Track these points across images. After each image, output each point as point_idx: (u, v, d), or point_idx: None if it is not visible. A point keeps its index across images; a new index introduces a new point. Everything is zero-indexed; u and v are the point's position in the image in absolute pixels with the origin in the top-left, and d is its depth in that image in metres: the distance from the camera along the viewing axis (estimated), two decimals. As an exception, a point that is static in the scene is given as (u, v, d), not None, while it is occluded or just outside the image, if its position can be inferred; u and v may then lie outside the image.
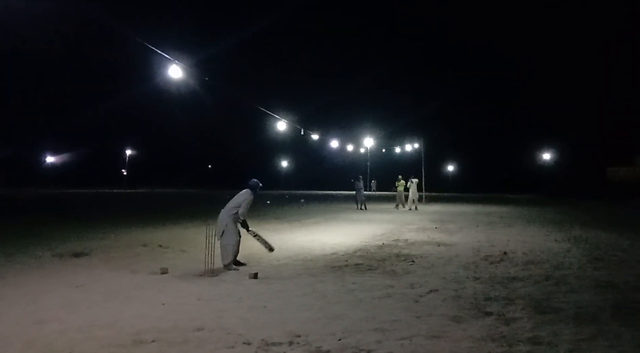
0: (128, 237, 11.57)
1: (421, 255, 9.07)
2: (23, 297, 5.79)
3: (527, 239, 11.57)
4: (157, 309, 5.33)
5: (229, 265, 7.63)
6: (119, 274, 7.21)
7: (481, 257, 8.88)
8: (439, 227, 14.75)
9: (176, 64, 10.28)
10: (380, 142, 50.44)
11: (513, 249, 9.84)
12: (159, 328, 4.62)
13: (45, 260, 8.34)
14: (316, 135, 29.06)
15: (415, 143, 38.85)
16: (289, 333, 4.50)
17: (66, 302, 5.58)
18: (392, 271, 7.58)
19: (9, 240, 10.40)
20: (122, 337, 4.39)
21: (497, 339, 4.37)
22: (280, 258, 8.80)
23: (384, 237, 12.14)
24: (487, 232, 13.33)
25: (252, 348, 4.13)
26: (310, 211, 21.93)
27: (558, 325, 4.79)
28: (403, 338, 4.37)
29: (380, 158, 55.66)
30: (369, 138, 47.65)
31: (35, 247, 9.57)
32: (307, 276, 7.18)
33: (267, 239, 8.27)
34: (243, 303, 5.59)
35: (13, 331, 4.54)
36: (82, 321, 4.84)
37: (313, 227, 14.56)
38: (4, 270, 7.38)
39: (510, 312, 5.25)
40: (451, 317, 5.03)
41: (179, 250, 9.54)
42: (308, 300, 5.76)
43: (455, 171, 70.08)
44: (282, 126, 23.11)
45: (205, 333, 4.51)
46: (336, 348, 4.14)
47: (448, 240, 11.33)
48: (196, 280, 6.85)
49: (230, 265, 7.64)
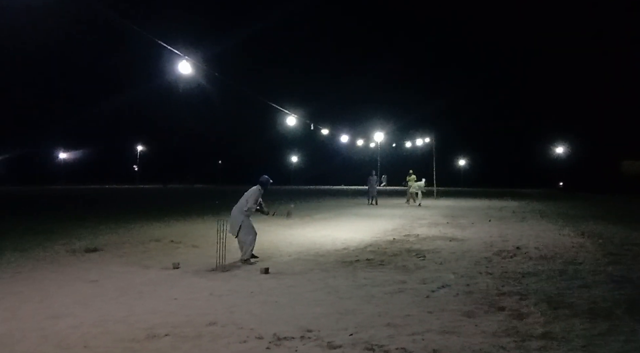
0: (140, 232, 11.66)
1: (433, 251, 9.03)
2: (37, 292, 5.87)
3: (540, 234, 11.47)
4: (169, 304, 5.36)
5: (248, 260, 7.77)
6: (131, 269, 7.27)
7: (494, 252, 8.82)
8: (451, 222, 14.68)
9: (186, 60, 10.30)
10: (391, 137, 50.26)
11: (526, 244, 9.76)
12: (172, 323, 4.65)
13: (59, 255, 8.43)
14: (326, 130, 29.01)
15: (426, 137, 38.66)
16: (300, 328, 4.50)
17: (80, 297, 5.64)
18: (403, 266, 7.55)
19: (23, 236, 10.54)
20: (136, 331, 4.42)
21: (511, 334, 4.33)
22: (291, 253, 8.82)
23: (395, 232, 12.11)
24: (500, 226, 13.24)
25: (264, 343, 4.14)
26: (321, 206, 21.94)
27: (572, 320, 4.74)
28: (415, 334, 4.35)
29: (390, 153, 55.46)
30: (379, 133, 47.48)
31: (49, 243, 9.68)
32: (318, 271, 7.18)
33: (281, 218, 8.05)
34: (255, 298, 5.61)
35: (28, 325, 4.60)
36: (96, 316, 4.88)
37: (324, 222, 14.56)
38: (19, 266, 7.48)
39: (523, 307, 5.21)
40: (464, 312, 5.00)
41: (191, 246, 9.60)
42: (320, 295, 5.76)
43: (466, 165, 69.66)
44: (292, 121, 23.09)
45: (217, 328, 4.53)
46: (348, 343, 4.14)
47: (460, 235, 11.26)
48: (208, 275, 6.88)
49: (249, 260, 7.79)
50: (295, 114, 21.71)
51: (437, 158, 31.17)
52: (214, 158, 75.98)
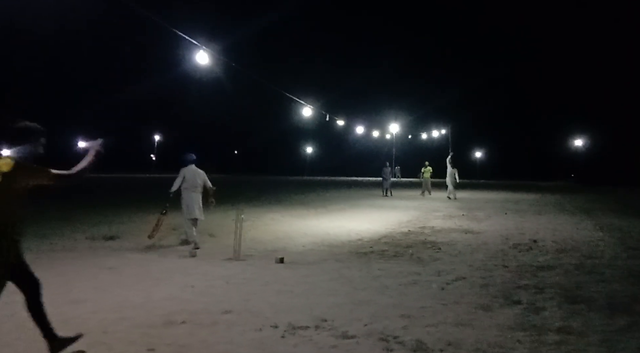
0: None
1: (448, 243, 8.98)
2: (57, 278, 5.98)
3: (557, 227, 11.33)
4: (186, 291, 5.43)
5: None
6: (148, 257, 7.38)
7: (510, 245, 8.74)
8: (467, 214, 14.58)
9: (203, 50, 10.33)
10: (406, 128, 49.94)
11: (543, 237, 9.65)
12: (189, 310, 4.71)
13: (77, 242, 8.59)
14: (341, 121, 28.91)
15: (442, 129, 38.33)
16: (315, 318, 4.53)
17: (98, 283, 5.74)
18: (418, 258, 7.53)
19: (43, 223, 10.73)
20: (153, 318, 4.49)
21: (527, 328, 4.30)
22: (305, 243, 8.85)
23: (409, 223, 12.07)
24: (516, 219, 13.11)
25: (279, 332, 4.18)
26: (335, 197, 21.95)
27: (589, 315, 4.69)
28: (429, 325, 4.35)
29: (405, 144, 55.13)
30: (395, 124, 47.21)
31: (68, 230, 9.87)
32: (332, 261, 7.20)
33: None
34: (270, 287, 5.65)
35: (49, 310, 4.68)
36: (114, 302, 4.97)
37: (338, 213, 14.57)
38: (39, 252, 7.63)
39: (539, 301, 5.16)
40: (479, 305, 4.97)
41: (207, 234, 9.68)
42: (334, 285, 5.78)
43: (483, 157, 68.98)
44: (307, 112, 23.03)
45: (233, 316, 4.58)
46: (362, 333, 4.15)
47: (476, 228, 11.18)
48: (224, 264, 6.95)
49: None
50: (310, 104, 21.67)
51: (453, 149, 30.92)
52: (230, 148, 76.38)
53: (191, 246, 7.97)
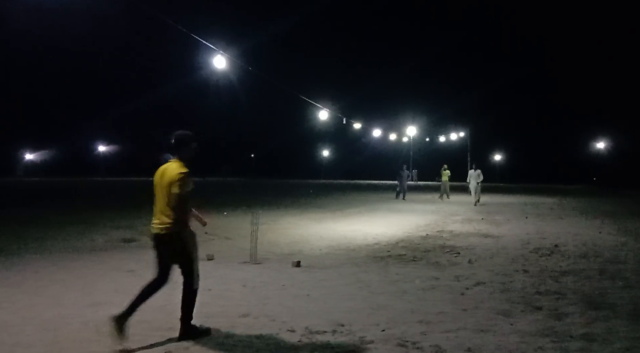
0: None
1: (467, 247, 8.88)
2: (78, 280, 6.07)
3: (579, 231, 11.12)
4: (203, 295, 5.44)
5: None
6: (167, 260, 7.43)
7: (530, 250, 8.60)
8: (486, 218, 14.40)
9: (221, 54, 10.42)
10: (424, 131, 49.63)
11: (564, 242, 9.48)
12: (206, 314, 4.73)
13: (98, 245, 8.71)
14: (358, 124, 28.89)
15: (460, 132, 37.99)
16: (332, 322, 4.50)
17: (118, 286, 5.81)
18: (436, 263, 7.46)
19: (64, 226, 10.92)
20: (172, 321, 4.52)
21: (548, 334, 4.21)
22: (322, 247, 8.83)
23: (427, 227, 11.96)
24: (537, 223, 12.90)
25: (296, 336, 4.17)
26: (353, 201, 21.89)
27: (613, 321, 4.58)
28: (448, 331, 4.29)
29: (423, 147, 54.79)
30: (412, 127, 46.96)
31: (89, 234, 10.01)
32: (350, 265, 7.17)
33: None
34: (287, 291, 5.65)
35: (71, 312, 4.77)
36: (134, 305, 5.01)
37: (355, 217, 14.53)
38: (61, 255, 7.76)
39: (561, 306, 5.06)
40: (499, 311, 4.90)
41: (224, 238, 9.74)
42: (351, 289, 5.75)
43: (502, 160, 68.09)
44: (323, 115, 23.10)
45: (250, 320, 4.59)
46: (380, 338, 4.11)
47: (495, 232, 11.04)
48: (241, 267, 6.97)
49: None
50: (327, 107, 21.71)
51: (472, 152, 30.59)
52: (246, 152, 76.78)
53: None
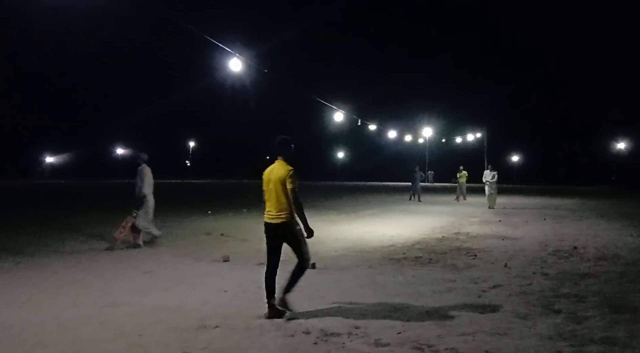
0: (192, 225, 12.02)
1: (484, 249, 8.78)
2: (97, 280, 6.16)
3: (599, 233, 10.92)
4: (220, 296, 5.49)
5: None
6: (183, 261, 7.50)
7: (549, 252, 8.47)
8: (503, 220, 14.23)
9: (237, 57, 10.48)
10: (440, 132, 49.27)
11: (584, 244, 9.32)
12: (222, 315, 4.76)
13: (116, 246, 8.81)
14: (373, 125, 28.79)
15: (477, 133, 37.64)
16: (347, 324, 4.49)
17: (136, 286, 5.88)
18: (452, 265, 7.39)
19: (84, 227, 11.09)
20: (188, 321, 4.56)
21: (568, 338, 4.15)
22: (337, 249, 8.82)
23: (443, 229, 11.87)
24: (555, 225, 12.71)
25: (312, 338, 4.16)
26: (367, 202, 21.82)
27: (635, 325, 4.48)
28: (465, 334, 4.24)
29: (439, 148, 54.38)
30: (428, 128, 46.65)
31: (107, 234, 10.12)
32: (365, 267, 7.14)
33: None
34: (302, 293, 5.64)
35: (89, 312, 4.84)
36: (151, 305, 5.07)
37: (370, 219, 14.47)
38: (81, 255, 7.88)
39: (581, 310, 4.98)
40: (517, 314, 4.83)
41: (240, 239, 9.79)
42: (367, 291, 5.73)
43: (520, 162, 67.25)
44: (339, 117, 23.06)
45: (265, 321, 4.60)
46: (395, 341, 4.09)
47: (513, 234, 10.90)
48: (256, 269, 6.98)
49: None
50: (342, 109, 21.69)
51: (488, 154, 30.28)
52: (262, 153, 77.10)
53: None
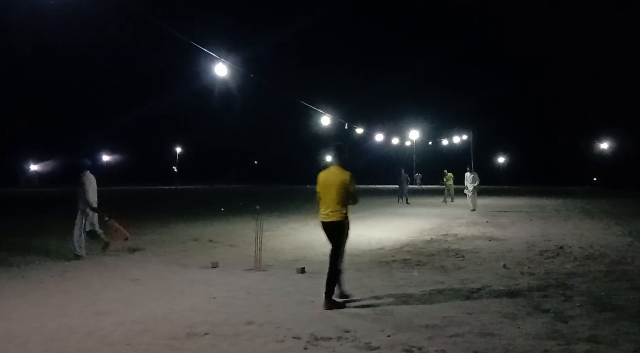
0: (179, 232, 11.92)
1: (472, 250, 8.84)
2: (84, 290, 6.08)
3: (584, 233, 11.06)
4: (208, 303, 5.45)
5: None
6: (171, 269, 7.44)
7: (536, 252, 8.56)
8: (490, 221, 14.35)
9: (222, 62, 10.46)
10: (427, 135, 49.60)
11: (570, 244, 9.43)
12: (211, 322, 4.72)
13: (103, 254, 8.71)
14: (360, 129, 28.87)
15: (463, 135, 37.96)
16: (337, 329, 4.49)
17: (123, 295, 5.81)
18: (441, 267, 7.43)
19: (67, 236, 10.92)
20: (176, 329, 4.51)
21: (555, 337, 4.19)
22: (326, 253, 8.77)
23: (432, 231, 11.93)
24: (542, 225, 12.85)
25: (302, 343, 4.15)
26: (356, 206, 21.82)
27: (620, 323, 4.54)
28: (455, 336, 4.26)
29: (426, 151, 54.72)
30: (415, 131, 46.93)
31: (94, 243, 10.00)
32: (353, 271, 7.14)
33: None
34: (291, 298, 5.63)
35: (76, 322, 4.77)
36: (138, 314, 5.01)
37: (358, 222, 14.47)
38: (67, 264, 7.78)
39: (568, 309, 5.03)
40: (505, 314, 4.87)
41: (228, 245, 9.74)
42: (356, 295, 5.73)
43: (506, 163, 67.93)
44: (326, 121, 23.12)
45: (255, 327, 4.57)
46: (386, 344, 4.09)
47: (500, 235, 10.99)
48: (245, 275, 6.96)
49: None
50: (329, 113, 21.73)
51: (475, 155, 30.56)
52: (249, 158, 76.91)
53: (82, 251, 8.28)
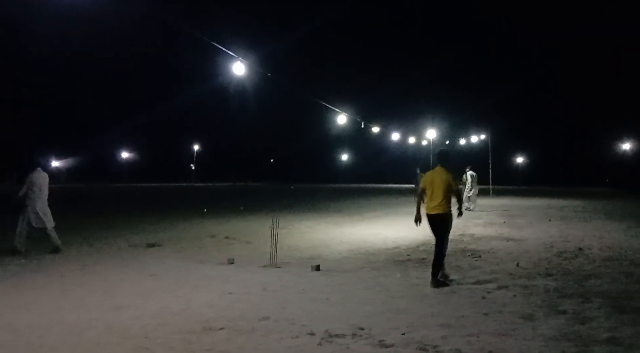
0: (196, 228, 12.05)
1: (489, 251, 8.77)
2: (102, 284, 6.19)
3: (604, 234, 10.88)
4: (224, 298, 5.51)
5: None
6: (188, 264, 7.52)
7: (554, 253, 8.45)
8: (508, 221, 14.19)
9: (240, 61, 10.52)
10: (444, 134, 49.14)
11: (589, 245, 9.29)
12: (227, 317, 4.77)
13: (121, 250, 8.86)
14: (376, 128, 28.75)
15: (481, 134, 37.57)
16: (352, 326, 4.50)
17: (141, 289, 5.90)
18: (457, 266, 7.38)
19: (90, 231, 11.14)
20: (192, 324, 4.58)
21: (572, 339, 4.13)
22: (341, 251, 8.82)
23: (448, 231, 11.83)
24: (560, 226, 12.67)
25: (316, 339, 4.17)
26: (372, 204, 21.82)
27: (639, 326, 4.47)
28: (470, 335, 4.24)
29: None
30: (432, 130, 46.56)
31: (112, 238, 10.19)
32: (369, 269, 7.14)
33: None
34: (306, 295, 5.66)
35: (94, 315, 4.86)
36: (156, 308, 5.09)
37: (374, 221, 14.47)
38: (86, 259, 7.92)
39: (586, 310, 4.96)
40: (521, 315, 4.82)
41: (245, 242, 9.81)
42: (371, 293, 5.73)
43: (524, 163, 67.02)
44: (342, 120, 23.07)
45: (270, 323, 4.61)
46: (400, 342, 4.09)
47: (517, 235, 10.87)
48: (261, 271, 7.01)
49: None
50: (345, 112, 21.68)
51: (492, 155, 30.22)
52: (266, 156, 77.26)
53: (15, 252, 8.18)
